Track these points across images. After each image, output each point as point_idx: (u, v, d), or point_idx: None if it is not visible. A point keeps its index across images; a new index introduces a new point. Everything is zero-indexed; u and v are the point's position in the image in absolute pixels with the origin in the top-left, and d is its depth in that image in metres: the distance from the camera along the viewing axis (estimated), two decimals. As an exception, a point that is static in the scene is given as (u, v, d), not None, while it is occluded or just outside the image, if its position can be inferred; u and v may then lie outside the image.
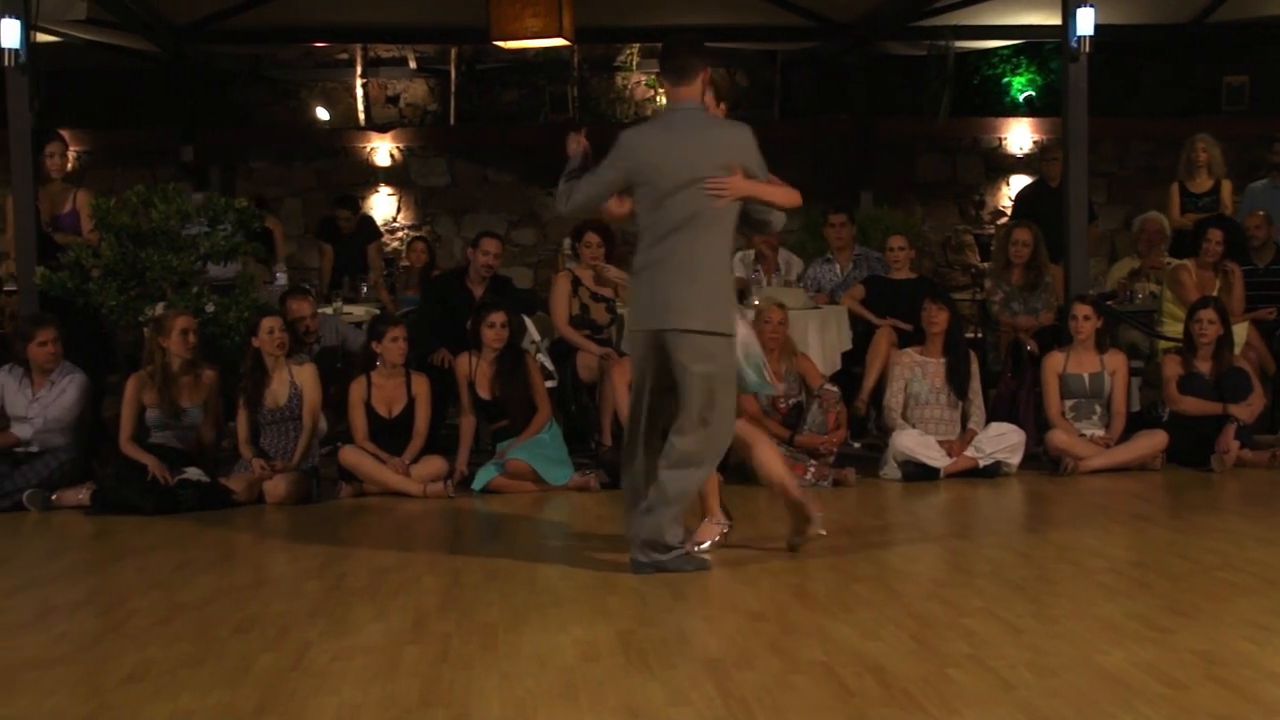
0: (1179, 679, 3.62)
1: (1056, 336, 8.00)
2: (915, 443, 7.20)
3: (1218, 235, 8.36)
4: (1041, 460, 7.50)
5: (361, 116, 13.23)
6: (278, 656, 4.02)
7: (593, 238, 7.91)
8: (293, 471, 6.92)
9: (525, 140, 12.99)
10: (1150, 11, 10.95)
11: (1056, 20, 8.29)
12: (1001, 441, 7.27)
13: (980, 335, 8.99)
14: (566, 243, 9.31)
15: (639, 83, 13.25)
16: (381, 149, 13.00)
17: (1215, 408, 7.44)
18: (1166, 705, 3.41)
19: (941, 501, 6.79)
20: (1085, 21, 7.86)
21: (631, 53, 13.28)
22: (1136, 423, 7.69)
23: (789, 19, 10.87)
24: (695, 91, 5.10)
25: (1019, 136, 13.24)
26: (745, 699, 3.52)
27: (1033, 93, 13.30)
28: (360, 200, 12.18)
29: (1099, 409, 7.54)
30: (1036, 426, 7.61)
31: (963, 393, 7.37)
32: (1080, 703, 3.45)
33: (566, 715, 3.46)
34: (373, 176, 13.00)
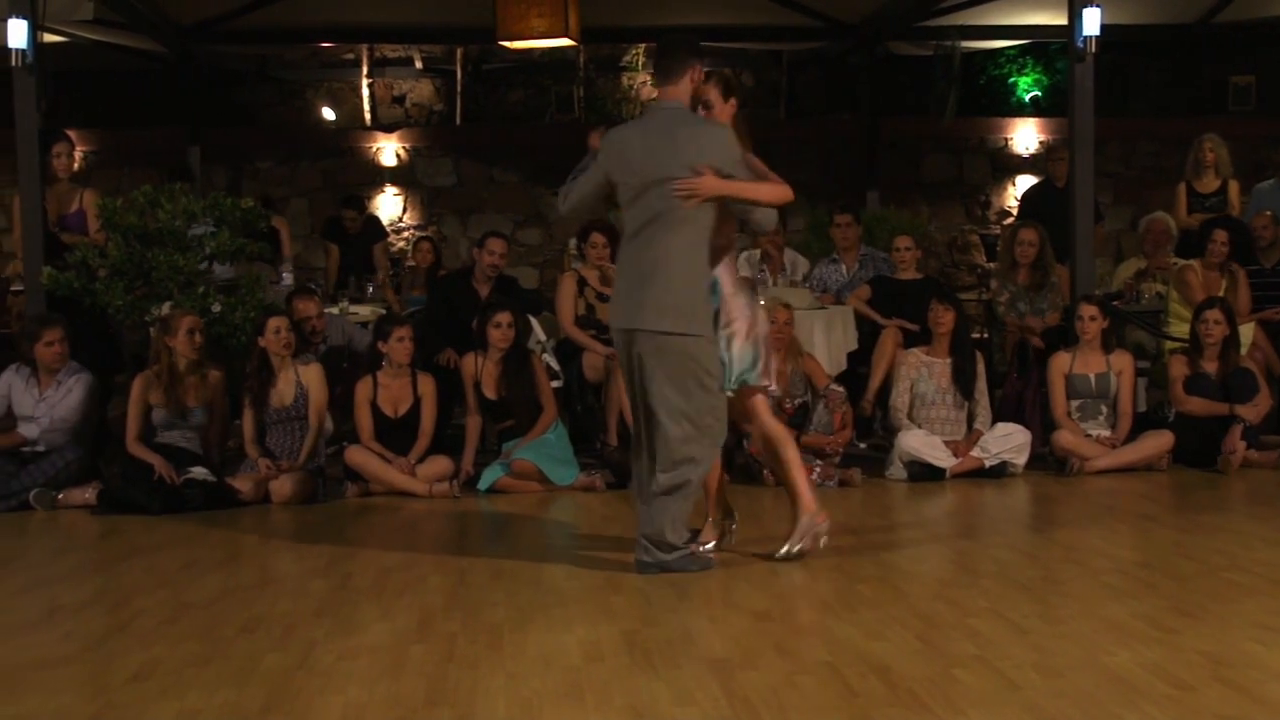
0: (1185, 680, 3.61)
1: (1062, 337, 7.99)
2: (921, 443, 7.20)
3: (1223, 236, 8.35)
4: (1047, 461, 7.50)
5: (367, 116, 13.24)
6: (284, 656, 4.03)
7: (598, 238, 7.91)
8: (299, 471, 6.93)
9: (531, 140, 13.01)
10: (1156, 11, 10.93)
11: (1063, 20, 8.28)
12: (1007, 442, 7.26)
13: (986, 335, 8.98)
14: (572, 243, 9.32)
15: (645, 83, 13.24)
16: (387, 149, 13.02)
17: (1221, 408, 7.43)
18: (1173, 706, 3.41)
19: (947, 502, 6.79)
20: (1091, 21, 7.86)
21: (637, 53, 13.28)
22: (1142, 423, 7.69)
23: (795, 19, 10.85)
24: (681, 91, 5.11)
25: (1025, 136, 13.23)
26: (750, 699, 3.52)
27: (1039, 93, 13.29)
28: (366, 200, 12.22)
29: (1105, 409, 7.53)
30: (1042, 427, 7.61)
31: (969, 393, 7.37)
32: (1086, 703, 3.44)
33: (572, 715, 3.46)
34: (379, 176, 13.02)
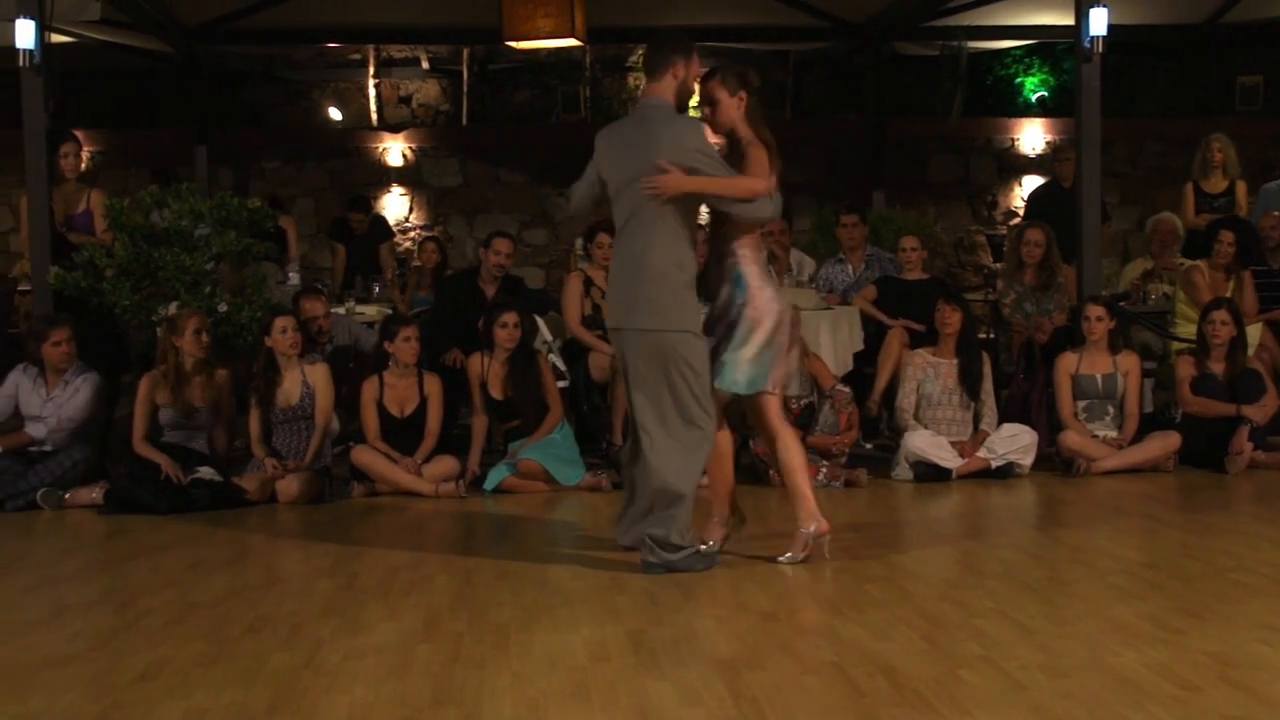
0: (1191, 680, 3.61)
1: (1069, 337, 7.98)
2: (927, 443, 7.20)
3: (1229, 237, 8.34)
4: (1054, 461, 7.49)
5: (374, 117, 13.25)
6: (290, 655, 4.03)
7: (604, 238, 7.89)
8: (305, 471, 6.94)
9: (537, 140, 13.01)
10: (1163, 11, 10.91)
11: (1069, 20, 8.27)
12: (1014, 442, 7.25)
13: (993, 336, 8.97)
14: (578, 243, 9.32)
15: (650, 83, 13.25)
16: (394, 149, 13.03)
17: (1228, 409, 7.42)
18: (1179, 707, 3.41)
19: (953, 502, 6.78)
20: (1098, 22, 7.84)
21: (643, 53, 13.26)
22: (1149, 424, 7.67)
23: (801, 19, 10.85)
24: (663, 88, 5.14)
25: (1031, 137, 13.22)
26: (756, 699, 3.52)
27: (1045, 93, 13.28)
28: (372, 200, 12.22)
29: (1111, 410, 7.52)
30: (1049, 427, 7.60)
31: (975, 394, 7.36)
32: (1092, 704, 3.44)
33: (578, 715, 3.46)
34: (385, 176, 13.03)
